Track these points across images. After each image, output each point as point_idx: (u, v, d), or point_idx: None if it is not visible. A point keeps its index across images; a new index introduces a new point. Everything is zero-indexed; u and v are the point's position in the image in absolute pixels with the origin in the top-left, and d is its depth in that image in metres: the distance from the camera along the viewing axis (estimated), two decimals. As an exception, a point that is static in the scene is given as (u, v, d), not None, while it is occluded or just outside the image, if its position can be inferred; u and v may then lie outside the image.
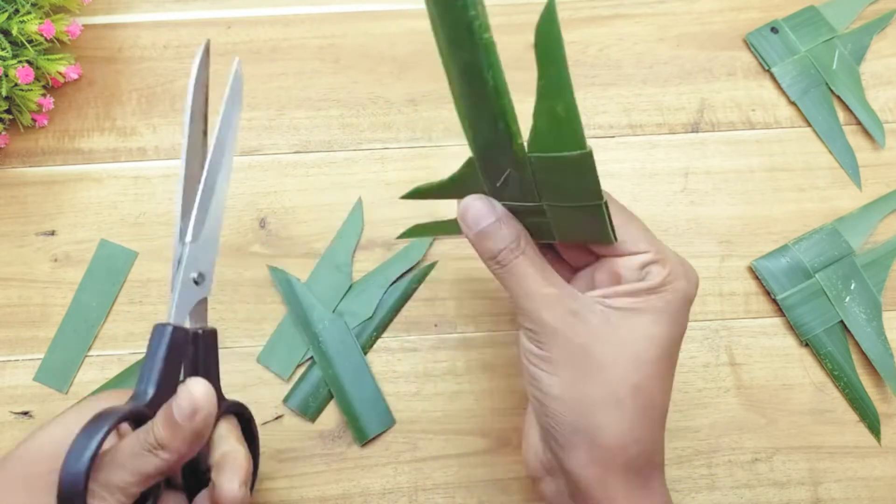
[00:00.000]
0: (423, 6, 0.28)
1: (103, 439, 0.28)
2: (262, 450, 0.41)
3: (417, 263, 0.44)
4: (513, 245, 0.32)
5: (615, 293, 0.31)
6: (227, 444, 0.33)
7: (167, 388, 0.31)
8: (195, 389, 0.30)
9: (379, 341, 0.43)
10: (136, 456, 0.29)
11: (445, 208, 0.45)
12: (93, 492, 0.28)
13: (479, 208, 0.32)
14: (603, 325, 0.30)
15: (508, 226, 0.32)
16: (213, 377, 0.33)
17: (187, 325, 0.32)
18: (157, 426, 0.30)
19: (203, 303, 0.33)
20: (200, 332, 0.33)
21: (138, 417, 0.30)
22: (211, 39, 0.48)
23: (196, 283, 0.32)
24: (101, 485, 0.29)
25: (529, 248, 0.32)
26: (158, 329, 0.31)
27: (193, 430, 0.30)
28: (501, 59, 0.28)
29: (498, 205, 0.32)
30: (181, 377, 0.32)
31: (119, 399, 0.31)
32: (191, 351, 0.32)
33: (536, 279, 0.31)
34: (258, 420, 0.42)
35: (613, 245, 0.32)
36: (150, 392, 0.30)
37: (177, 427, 0.29)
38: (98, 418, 0.29)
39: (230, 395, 0.42)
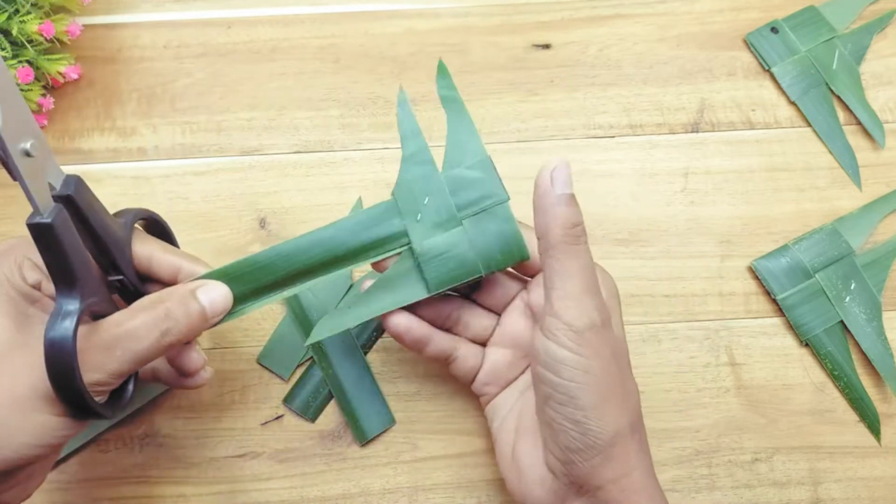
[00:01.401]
0: (423, 6, 0.28)
1: (79, 320, 0.28)
2: (261, 450, 0.41)
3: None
4: (584, 230, 0.31)
5: None
6: (173, 258, 0.34)
7: (83, 270, 0.30)
8: (220, 292, 0.33)
9: (379, 341, 0.43)
10: (136, 339, 0.30)
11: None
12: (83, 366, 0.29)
13: (569, 170, 0.31)
14: (613, 332, 0.32)
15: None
16: (101, 215, 0.31)
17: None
18: (178, 319, 0.31)
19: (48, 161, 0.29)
20: (64, 195, 0.30)
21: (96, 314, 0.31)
22: (211, 39, 0.48)
23: (29, 154, 0.28)
24: (90, 366, 0.29)
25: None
26: (33, 230, 0.28)
27: (211, 325, 0.33)
28: (502, 59, 0.28)
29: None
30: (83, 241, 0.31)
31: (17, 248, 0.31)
32: (73, 220, 0.30)
33: (593, 276, 0.31)
34: (257, 420, 0.42)
35: (533, 262, 0.35)
36: (78, 288, 0.29)
37: (204, 322, 0.32)
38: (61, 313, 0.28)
39: (230, 394, 0.42)
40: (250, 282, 0.35)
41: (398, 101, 0.35)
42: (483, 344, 0.38)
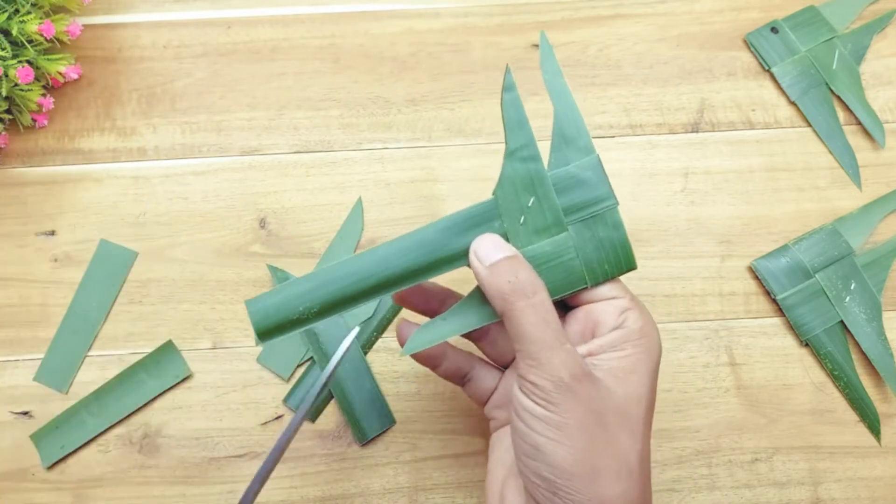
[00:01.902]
0: (423, 6, 0.28)
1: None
2: (261, 450, 0.41)
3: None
4: (530, 284, 0.29)
5: (601, 348, 0.30)
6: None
7: None
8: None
9: (379, 341, 0.43)
10: None
11: (451, 208, 0.45)
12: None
13: (493, 241, 0.31)
14: (606, 390, 0.29)
15: (525, 264, 0.30)
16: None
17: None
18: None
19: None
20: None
21: None
22: (211, 39, 0.48)
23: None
24: None
25: (545, 293, 0.30)
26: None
27: None
28: (502, 59, 0.28)
29: (512, 246, 0.31)
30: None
31: None
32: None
33: (555, 329, 0.29)
34: (257, 420, 0.42)
35: (590, 292, 0.32)
36: None
37: None
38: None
39: (230, 394, 0.42)
40: (344, 288, 0.31)
41: (505, 84, 0.32)
42: (503, 367, 0.36)
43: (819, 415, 0.42)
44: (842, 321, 0.43)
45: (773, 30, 0.48)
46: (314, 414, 0.42)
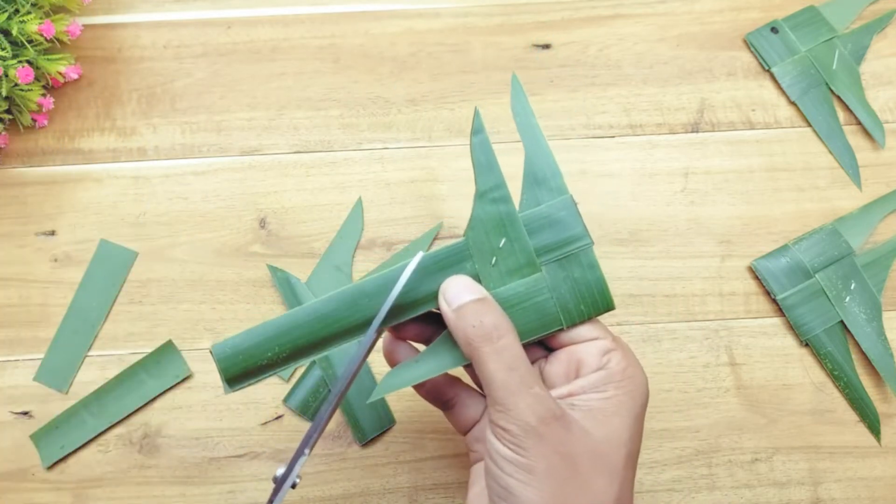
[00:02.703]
0: (423, 6, 0.28)
1: None
2: (261, 450, 0.41)
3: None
4: (496, 329, 0.29)
5: (581, 389, 0.30)
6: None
7: None
8: None
9: (379, 341, 0.43)
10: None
11: (451, 208, 0.45)
12: None
13: (463, 283, 0.30)
14: (581, 431, 0.28)
15: (492, 307, 0.30)
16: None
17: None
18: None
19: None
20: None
21: None
22: (211, 39, 0.48)
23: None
24: None
25: (513, 336, 0.29)
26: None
27: None
28: (502, 59, 0.28)
29: (482, 288, 0.31)
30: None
31: None
32: None
33: (522, 373, 0.28)
34: (257, 420, 0.42)
35: (569, 333, 0.32)
36: None
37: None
38: None
39: (230, 394, 0.42)
40: (315, 332, 0.31)
41: (474, 127, 0.32)
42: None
43: (819, 415, 0.42)
44: (842, 321, 0.43)
45: (773, 30, 0.48)
46: (314, 414, 0.42)
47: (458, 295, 0.30)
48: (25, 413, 0.42)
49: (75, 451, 0.41)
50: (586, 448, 0.28)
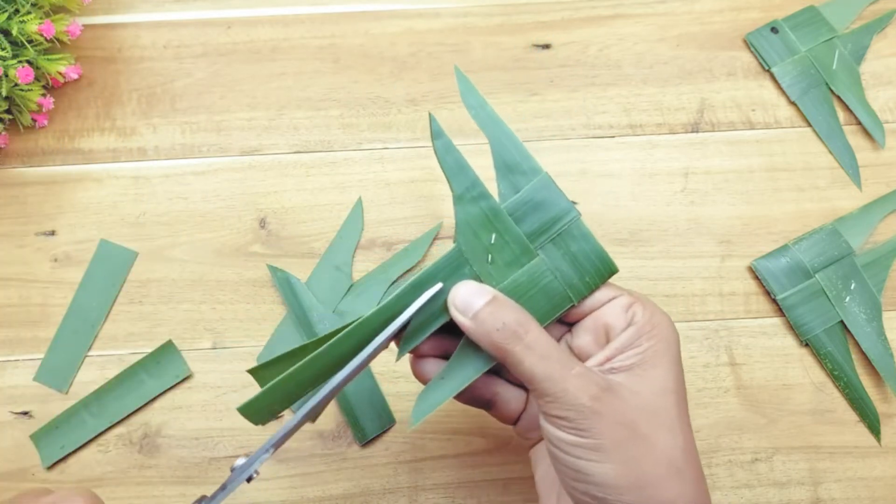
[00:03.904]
0: (423, 6, 0.28)
1: None
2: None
3: (418, 263, 0.44)
4: (519, 325, 0.29)
5: (617, 350, 0.29)
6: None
7: None
8: None
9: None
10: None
11: (451, 208, 0.45)
12: None
13: (468, 288, 0.30)
14: (630, 394, 0.28)
15: (507, 304, 0.29)
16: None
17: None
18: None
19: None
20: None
21: None
22: (211, 39, 0.48)
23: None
24: None
25: (535, 325, 0.29)
26: None
27: None
28: (502, 59, 0.28)
29: (489, 287, 0.30)
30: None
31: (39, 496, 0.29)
32: None
33: (558, 358, 0.28)
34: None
35: (586, 303, 0.32)
36: None
37: None
38: None
39: (229, 394, 0.42)
40: (328, 368, 0.31)
41: (433, 132, 0.32)
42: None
43: (819, 415, 0.42)
44: (842, 321, 0.43)
45: (773, 30, 0.48)
46: (314, 415, 0.42)
47: (469, 302, 0.30)
48: (25, 413, 0.42)
49: (75, 451, 0.41)
50: (640, 408, 0.28)
